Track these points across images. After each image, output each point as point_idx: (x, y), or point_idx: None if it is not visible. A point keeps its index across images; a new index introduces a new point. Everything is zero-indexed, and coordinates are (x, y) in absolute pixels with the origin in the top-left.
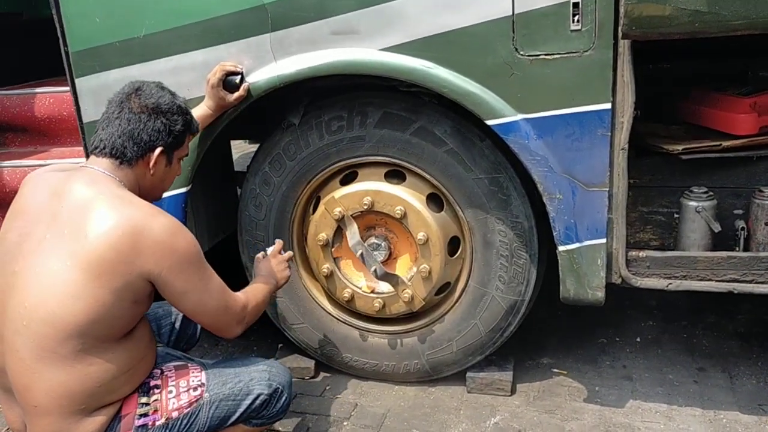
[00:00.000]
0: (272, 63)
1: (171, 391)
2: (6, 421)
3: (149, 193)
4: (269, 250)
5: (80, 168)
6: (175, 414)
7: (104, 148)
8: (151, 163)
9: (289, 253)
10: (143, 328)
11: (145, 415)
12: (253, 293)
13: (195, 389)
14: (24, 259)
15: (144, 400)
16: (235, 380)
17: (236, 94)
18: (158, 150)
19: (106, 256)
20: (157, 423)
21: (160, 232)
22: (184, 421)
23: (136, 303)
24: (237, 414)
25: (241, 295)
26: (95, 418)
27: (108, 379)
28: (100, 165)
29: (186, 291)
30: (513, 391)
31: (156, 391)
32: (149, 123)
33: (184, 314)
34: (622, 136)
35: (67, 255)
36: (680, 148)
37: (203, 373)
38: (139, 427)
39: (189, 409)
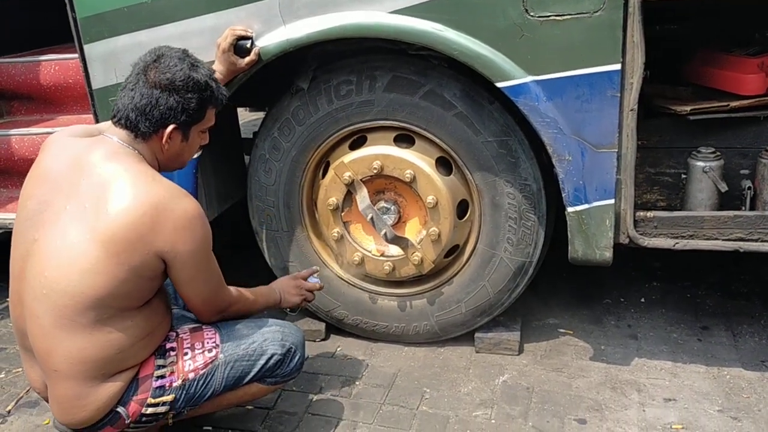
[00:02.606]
0: (281, 27)
1: (186, 353)
2: (28, 380)
3: (168, 165)
4: (313, 279)
5: (101, 138)
6: (191, 375)
7: (120, 119)
8: (164, 139)
9: (315, 284)
10: (160, 295)
11: (162, 377)
12: (246, 299)
13: (210, 351)
14: (44, 228)
15: (161, 362)
16: (249, 341)
17: (247, 59)
18: (171, 127)
19: (126, 235)
20: (174, 384)
21: (180, 215)
22: (200, 382)
23: (152, 279)
24: (251, 374)
25: (233, 295)
26: (114, 383)
27: (127, 346)
28: (119, 135)
29: (190, 278)
30: (521, 351)
31: (172, 353)
32: (161, 100)
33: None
34: (632, 97)
35: (88, 229)
36: (688, 108)
37: (218, 334)
38: (156, 388)
39: (204, 370)
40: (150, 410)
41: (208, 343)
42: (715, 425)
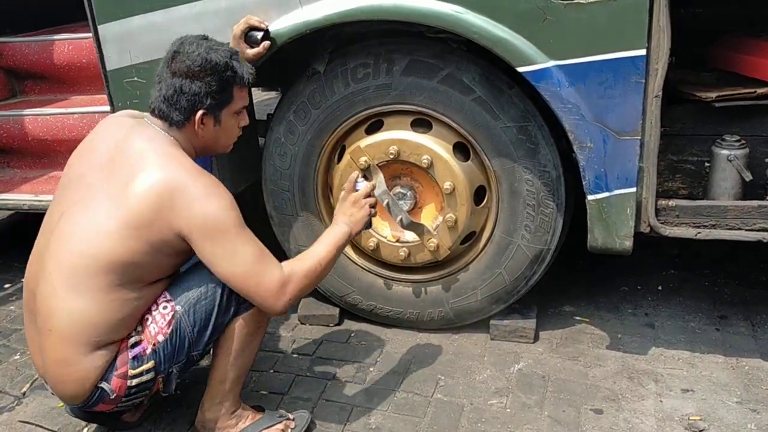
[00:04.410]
0: (298, 9)
1: (148, 319)
2: (27, 339)
3: (206, 151)
4: (360, 185)
5: (142, 122)
6: (160, 338)
7: (155, 110)
8: (197, 126)
9: (368, 186)
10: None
11: (135, 345)
12: (304, 263)
13: (164, 307)
14: (79, 194)
15: (132, 334)
16: (197, 281)
17: (255, 50)
18: (200, 113)
19: (144, 211)
20: (148, 351)
21: (195, 192)
22: (172, 339)
23: (172, 256)
24: (216, 308)
25: (284, 270)
26: (101, 355)
27: (126, 316)
28: (157, 124)
29: (214, 257)
30: (536, 339)
31: (139, 326)
32: (185, 87)
33: None
34: (656, 84)
35: (114, 204)
36: (713, 95)
37: (166, 292)
38: (133, 358)
39: (170, 327)
40: (135, 381)
41: (161, 303)
42: (733, 417)
